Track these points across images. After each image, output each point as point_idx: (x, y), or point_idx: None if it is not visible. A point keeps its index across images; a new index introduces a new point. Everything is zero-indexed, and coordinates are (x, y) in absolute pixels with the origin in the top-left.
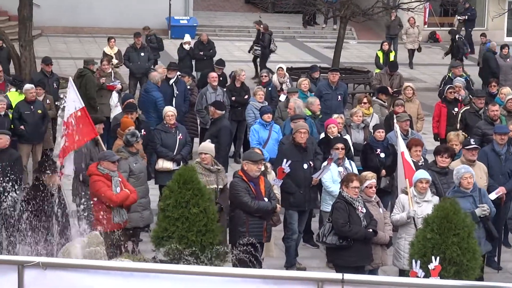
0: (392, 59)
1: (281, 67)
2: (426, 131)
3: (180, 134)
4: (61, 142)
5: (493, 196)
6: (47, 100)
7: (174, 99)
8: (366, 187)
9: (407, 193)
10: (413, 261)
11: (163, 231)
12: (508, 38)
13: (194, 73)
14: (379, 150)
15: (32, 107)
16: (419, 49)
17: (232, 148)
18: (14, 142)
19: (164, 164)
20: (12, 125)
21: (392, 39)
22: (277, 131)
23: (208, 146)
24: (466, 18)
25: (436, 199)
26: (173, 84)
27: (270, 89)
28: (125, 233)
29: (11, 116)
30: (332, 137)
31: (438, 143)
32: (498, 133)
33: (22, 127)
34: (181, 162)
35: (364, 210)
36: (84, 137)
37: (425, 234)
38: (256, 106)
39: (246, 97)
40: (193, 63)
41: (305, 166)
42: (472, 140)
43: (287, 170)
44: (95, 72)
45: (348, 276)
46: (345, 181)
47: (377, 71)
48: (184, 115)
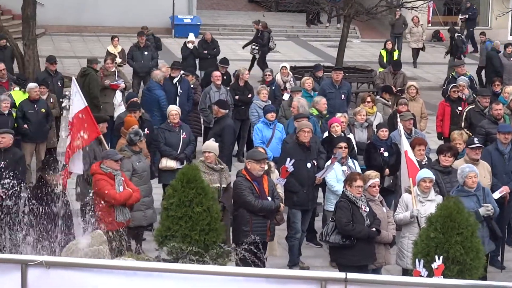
0: (395, 58)
1: (284, 66)
2: (430, 130)
3: (184, 133)
4: (66, 141)
5: (496, 195)
6: (51, 99)
7: (177, 98)
8: (370, 186)
9: (410, 192)
10: (417, 260)
11: (166, 230)
12: None
13: (198, 72)
14: (382, 149)
15: (35, 106)
16: (423, 48)
17: (236, 147)
18: (18, 141)
19: (167, 163)
20: (15, 124)
21: (396, 38)
22: (280, 130)
23: (211, 144)
24: (467, 17)
25: (439, 198)
26: (176, 83)
27: (273, 88)
28: (128, 232)
29: (14, 115)
30: (335, 136)
31: (441, 142)
32: (502, 132)
33: (26, 126)
34: (185, 161)
35: (368, 209)
36: (89, 137)
37: (428, 233)
38: (260, 105)
39: (250, 96)
40: (197, 62)
41: (309, 165)
42: (475, 139)
43: (291, 169)
44: (99, 71)
45: (351, 275)
46: (349, 180)
47: (381, 70)
48: (188, 114)
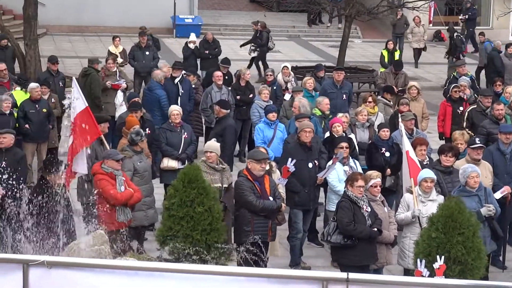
0: (397, 58)
1: (286, 66)
2: (431, 130)
3: (185, 133)
4: (69, 141)
5: (498, 195)
6: (52, 99)
7: (179, 98)
8: (371, 186)
9: (412, 192)
10: (418, 260)
11: (167, 230)
12: None
13: (199, 72)
14: (384, 149)
15: (37, 106)
16: (424, 48)
17: (237, 147)
18: (19, 141)
19: (169, 163)
20: (17, 124)
21: (398, 38)
22: (282, 130)
23: (213, 144)
24: (467, 18)
25: (441, 198)
26: (178, 83)
27: (275, 88)
28: (129, 231)
29: (16, 115)
30: (337, 136)
31: (443, 142)
32: (503, 132)
33: (27, 126)
34: (186, 161)
35: (369, 209)
36: (91, 138)
37: (430, 233)
38: (261, 105)
39: (251, 96)
40: (198, 62)
41: (310, 165)
42: (477, 139)
43: (292, 169)
44: (100, 71)
45: (353, 276)
46: (350, 180)
47: (382, 70)
48: (189, 114)
